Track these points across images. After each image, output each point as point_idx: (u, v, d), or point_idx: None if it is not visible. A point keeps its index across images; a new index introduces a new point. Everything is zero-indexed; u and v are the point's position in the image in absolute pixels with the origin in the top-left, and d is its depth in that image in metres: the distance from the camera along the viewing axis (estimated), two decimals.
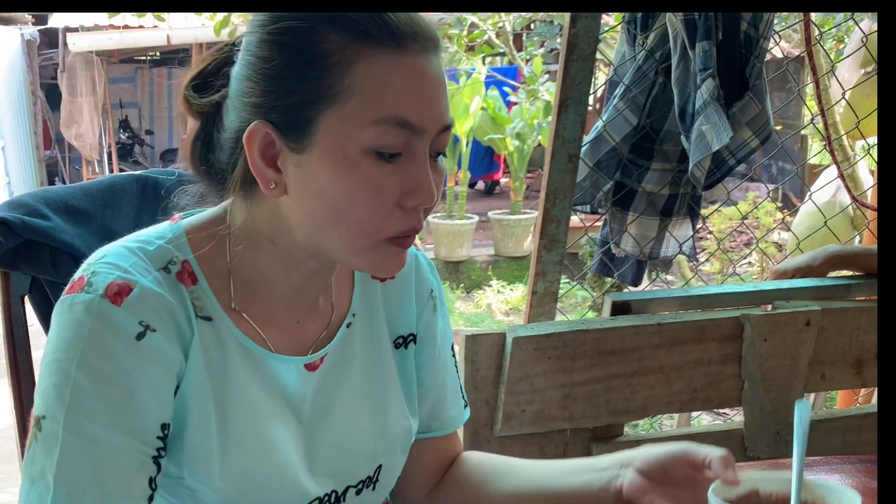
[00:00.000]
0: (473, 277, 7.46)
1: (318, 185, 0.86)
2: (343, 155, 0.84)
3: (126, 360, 0.85)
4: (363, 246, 0.89)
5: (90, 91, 9.53)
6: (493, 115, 7.77)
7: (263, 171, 0.87)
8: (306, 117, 0.85)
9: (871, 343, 1.73)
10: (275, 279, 0.96)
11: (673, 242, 1.83)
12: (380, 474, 1.05)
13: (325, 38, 0.84)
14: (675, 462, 0.99)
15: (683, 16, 1.50)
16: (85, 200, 1.23)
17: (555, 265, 1.68)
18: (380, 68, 0.84)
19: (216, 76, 0.93)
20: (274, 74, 0.86)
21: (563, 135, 1.58)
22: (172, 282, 0.90)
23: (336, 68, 0.83)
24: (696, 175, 1.56)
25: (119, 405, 0.84)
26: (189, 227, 0.95)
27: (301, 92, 0.85)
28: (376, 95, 0.84)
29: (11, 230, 1.14)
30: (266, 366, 0.96)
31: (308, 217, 0.88)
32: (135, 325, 0.85)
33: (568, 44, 1.50)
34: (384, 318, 1.08)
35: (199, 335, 0.91)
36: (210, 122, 0.94)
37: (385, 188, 0.86)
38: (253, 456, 0.93)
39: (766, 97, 1.57)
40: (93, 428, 0.83)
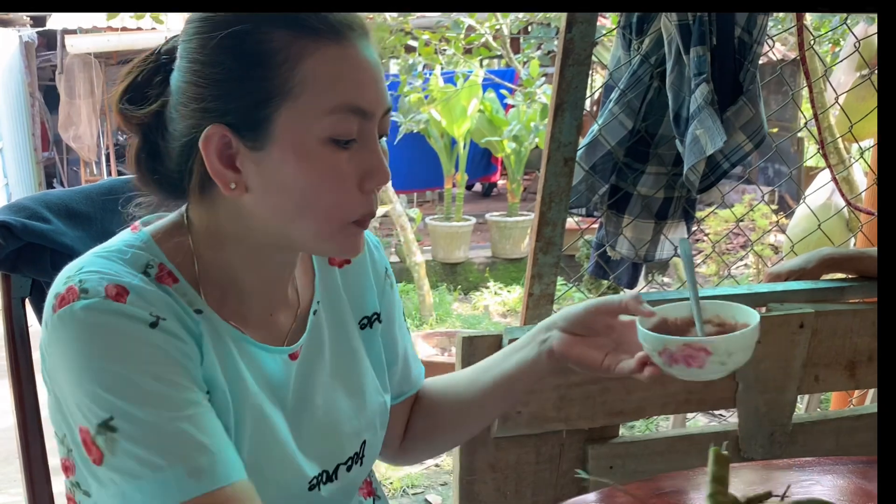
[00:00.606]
0: (471, 279, 7.46)
1: (281, 178, 0.89)
2: (303, 147, 0.88)
3: (152, 340, 0.86)
4: (331, 231, 0.92)
5: (88, 93, 9.52)
6: (491, 118, 7.77)
7: (222, 173, 0.89)
8: (262, 115, 0.87)
9: (864, 345, 1.74)
10: (244, 277, 0.98)
11: (668, 245, 1.84)
12: (365, 449, 1.09)
13: (270, 38, 0.86)
14: (593, 314, 1.08)
15: (678, 21, 1.52)
16: (85, 204, 1.24)
17: (551, 267, 1.69)
18: (327, 60, 0.87)
19: (149, 86, 0.95)
20: (223, 78, 0.88)
21: (558, 138, 1.59)
22: (155, 284, 0.92)
23: (285, 65, 0.86)
24: (691, 179, 1.57)
25: (170, 371, 0.87)
26: (155, 232, 0.97)
27: (254, 92, 0.87)
28: (328, 86, 0.87)
29: (12, 233, 1.15)
30: (255, 356, 0.99)
31: (274, 211, 0.91)
32: (146, 315, 0.87)
33: (563, 49, 1.51)
34: (347, 302, 1.12)
35: (204, 325, 0.93)
36: (152, 133, 0.95)
37: (346, 173, 0.90)
38: (260, 439, 0.96)
39: (759, 102, 1.58)
40: (171, 392, 0.86)
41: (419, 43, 5.35)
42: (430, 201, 10.33)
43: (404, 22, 5.27)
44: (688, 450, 1.72)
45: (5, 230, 1.15)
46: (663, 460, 1.70)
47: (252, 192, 0.90)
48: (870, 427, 1.82)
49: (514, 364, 1.15)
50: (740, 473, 1.24)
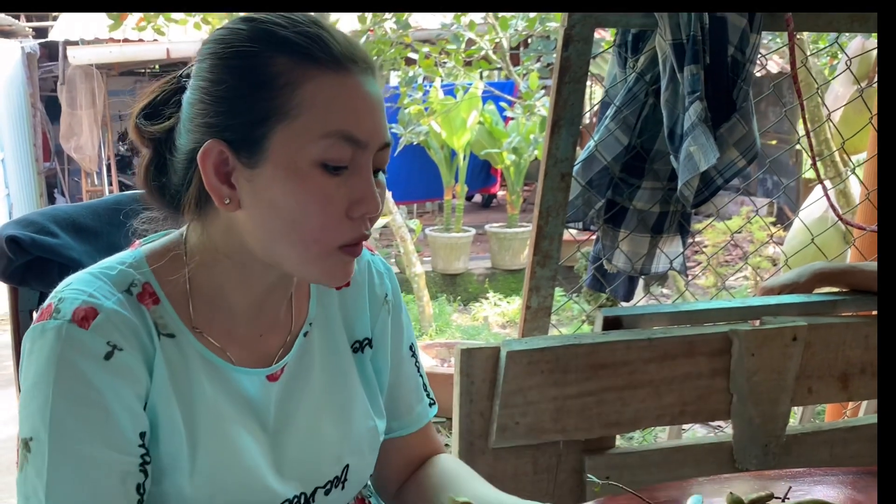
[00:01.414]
0: (470, 290, 7.48)
1: (271, 197, 0.91)
2: (294, 167, 0.90)
3: (97, 379, 0.90)
4: (315, 254, 0.94)
5: (90, 103, 9.55)
6: (491, 130, 7.81)
7: (218, 188, 0.92)
8: (259, 134, 0.90)
9: (856, 358, 1.77)
10: (233, 295, 1.01)
11: (664, 258, 1.87)
12: (347, 474, 1.10)
13: (274, 61, 0.90)
14: None
15: (672, 40, 1.55)
16: (91, 218, 1.27)
17: (548, 280, 1.72)
18: (325, 87, 0.90)
19: (166, 105, 0.99)
20: (226, 96, 0.91)
21: (555, 154, 1.62)
22: (134, 303, 0.95)
23: (285, 88, 0.90)
24: (685, 194, 1.60)
25: (97, 421, 0.90)
26: (149, 251, 1.01)
27: (253, 111, 0.90)
28: (323, 112, 0.90)
29: (21, 247, 1.18)
30: (230, 378, 1.01)
31: (262, 228, 0.94)
32: (102, 345, 0.91)
33: (560, 67, 1.55)
34: (342, 325, 1.13)
35: (161, 351, 0.96)
36: (162, 147, 0.98)
37: (334, 198, 0.92)
38: (220, 462, 0.98)
39: (752, 119, 1.61)
40: (76, 445, 0.89)
41: (419, 55, 5.38)
42: (430, 212, 10.36)
43: (404, 35, 5.30)
44: (683, 461, 1.74)
45: (14, 244, 1.18)
46: (659, 471, 1.72)
47: (244, 208, 0.93)
48: (863, 438, 1.85)
49: None
50: (734, 484, 1.26)
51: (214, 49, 0.93)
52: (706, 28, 1.55)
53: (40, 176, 10.01)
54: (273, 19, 0.93)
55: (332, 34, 0.93)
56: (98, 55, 8.85)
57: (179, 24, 5.84)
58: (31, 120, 9.81)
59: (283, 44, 0.91)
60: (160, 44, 8.18)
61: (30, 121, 9.79)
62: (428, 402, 1.25)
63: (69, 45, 8.94)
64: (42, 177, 10.08)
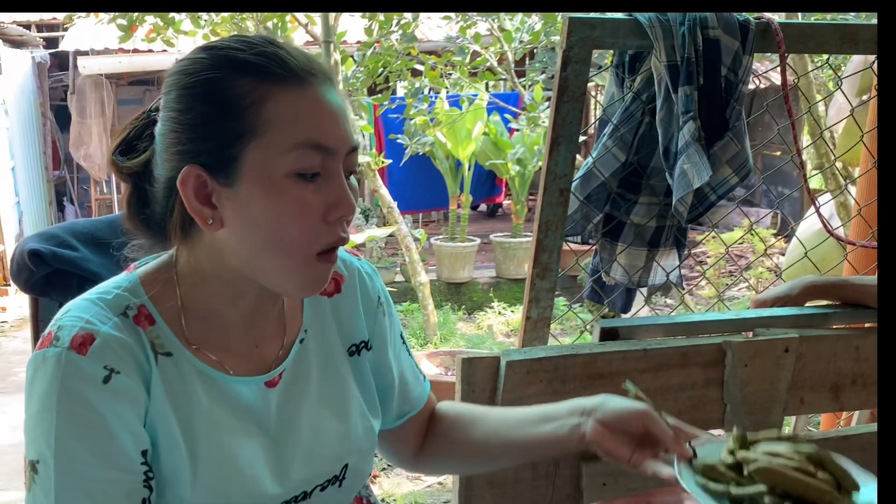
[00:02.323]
0: (475, 299, 7.53)
1: (250, 212, 0.97)
2: (269, 181, 0.96)
3: (97, 402, 0.95)
4: (296, 264, 0.99)
5: (99, 113, 9.65)
6: (495, 141, 7.87)
7: (200, 210, 0.98)
8: (231, 154, 0.96)
9: (847, 369, 1.81)
10: (224, 311, 1.06)
11: (660, 271, 1.92)
12: (346, 472, 1.15)
13: (237, 84, 0.96)
14: (635, 419, 1.13)
15: (667, 62, 1.60)
16: (109, 232, 1.33)
17: (547, 292, 1.77)
18: (288, 102, 0.96)
19: (140, 139, 1.05)
20: (196, 122, 0.97)
21: (554, 170, 1.67)
22: (130, 325, 1.01)
23: (251, 108, 0.95)
24: (680, 210, 1.65)
25: (99, 443, 0.95)
26: (143, 274, 1.06)
27: (223, 133, 0.96)
28: (289, 125, 0.96)
29: (43, 260, 1.24)
30: (228, 388, 1.06)
31: (244, 243, 0.99)
32: (100, 370, 0.96)
33: (559, 87, 1.60)
34: (336, 330, 1.19)
35: (158, 370, 1.01)
36: (140, 180, 1.04)
37: (310, 205, 0.97)
38: (221, 473, 1.03)
39: (745, 137, 1.66)
40: (80, 467, 0.94)
41: (425, 67, 5.45)
42: (436, 221, 10.42)
43: (410, 47, 5.37)
44: None
45: (36, 257, 1.24)
46: (655, 480, 1.76)
47: (227, 227, 0.99)
48: (854, 448, 1.88)
49: (544, 434, 1.19)
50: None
51: (179, 80, 0.99)
52: (700, 50, 1.61)
53: (49, 184, 10.11)
54: (231, 45, 0.99)
55: (289, 51, 0.99)
56: (108, 65, 8.94)
57: (189, 35, 5.91)
58: (41, 129, 9.91)
59: (243, 66, 0.96)
60: (169, 54, 8.25)
61: (40, 129, 9.89)
62: (422, 378, 1.33)
63: (79, 55, 9.03)
64: (51, 185, 10.18)
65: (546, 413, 1.21)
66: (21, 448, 0.97)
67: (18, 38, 9.29)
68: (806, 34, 1.73)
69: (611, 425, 1.14)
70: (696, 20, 1.62)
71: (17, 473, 4.03)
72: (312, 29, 5.62)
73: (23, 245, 1.27)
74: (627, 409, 1.14)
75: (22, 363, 6.09)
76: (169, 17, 5.59)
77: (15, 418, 4.84)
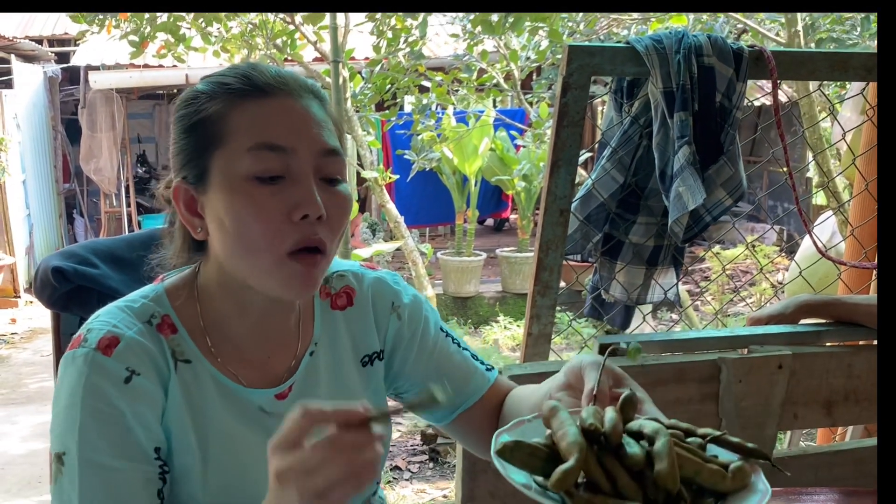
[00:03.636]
0: (481, 313, 7.57)
1: (218, 216, 1.04)
2: (229, 185, 1.03)
3: (118, 400, 1.03)
4: (267, 264, 1.04)
5: (109, 127, 9.74)
6: (502, 156, 7.94)
7: (190, 220, 1.08)
8: (202, 164, 1.05)
9: (839, 386, 1.86)
10: (235, 322, 1.13)
11: (658, 289, 1.97)
12: None
13: (207, 104, 1.05)
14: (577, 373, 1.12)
15: (663, 88, 1.66)
16: (128, 250, 1.40)
17: (548, 309, 1.82)
18: (249, 111, 1.03)
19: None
20: (181, 145, 1.07)
21: (555, 192, 1.74)
22: (153, 333, 1.09)
23: (218, 122, 1.04)
24: (675, 230, 1.71)
25: (118, 437, 1.02)
26: (169, 286, 1.15)
27: (197, 147, 1.05)
28: (247, 131, 1.03)
29: (65, 277, 1.30)
30: (241, 398, 1.13)
31: (221, 246, 1.07)
32: (122, 370, 1.04)
33: (559, 112, 1.66)
34: (349, 342, 1.24)
35: (177, 375, 1.09)
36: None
37: (268, 206, 1.02)
38: (230, 477, 1.10)
39: (738, 161, 1.72)
40: (101, 458, 1.01)
41: (432, 84, 5.52)
42: (442, 236, 10.47)
43: (418, 63, 5.44)
44: None
45: (59, 274, 1.30)
46: None
47: (210, 234, 1.07)
48: (847, 462, 1.93)
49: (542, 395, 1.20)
50: None
51: (174, 113, 1.10)
52: (695, 77, 1.67)
53: (60, 197, 10.20)
54: (220, 73, 1.08)
55: (261, 69, 1.06)
56: (119, 80, 9.04)
57: (199, 51, 6.00)
58: (51, 142, 10.02)
59: (217, 87, 1.05)
60: (179, 69, 8.35)
61: (51, 143, 9.99)
62: (484, 368, 1.33)
63: (90, 70, 9.13)
64: (61, 197, 10.27)
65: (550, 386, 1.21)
66: (32, 458, 1.04)
67: (31, 53, 9.40)
68: (798, 62, 1.79)
69: (567, 379, 1.13)
70: (692, 48, 1.69)
71: (29, 482, 4.11)
72: (321, 46, 5.69)
73: (46, 262, 1.33)
74: (579, 362, 1.13)
75: (32, 374, 6.16)
76: (180, 33, 5.67)
77: (25, 429, 4.90)
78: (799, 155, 8.67)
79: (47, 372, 6.16)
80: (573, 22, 5.28)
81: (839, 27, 4.67)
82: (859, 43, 4.44)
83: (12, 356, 6.69)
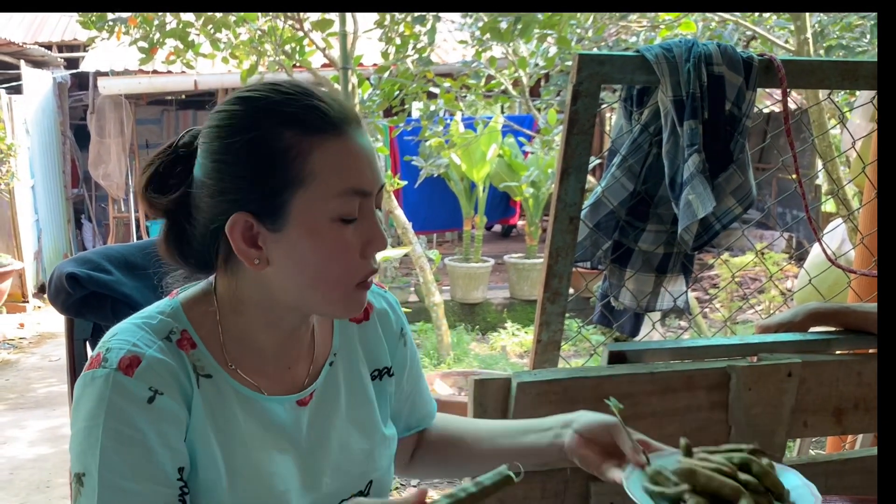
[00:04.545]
0: (489, 319, 7.57)
1: (298, 254, 1.05)
2: (315, 226, 1.04)
3: (140, 421, 1.02)
4: (339, 295, 1.08)
5: (118, 132, 9.78)
6: (510, 163, 7.94)
7: (247, 252, 1.06)
8: (279, 202, 1.03)
9: (849, 393, 1.85)
10: (261, 336, 1.14)
11: (668, 296, 1.97)
12: (370, 488, 1.24)
13: (281, 136, 1.03)
14: (604, 432, 1.25)
15: (673, 97, 1.67)
16: (141, 257, 1.41)
17: (558, 316, 1.83)
18: (331, 153, 1.04)
19: (171, 176, 1.11)
20: (243, 174, 1.04)
21: (564, 199, 1.74)
22: (174, 349, 1.08)
23: (297, 160, 1.03)
24: (685, 238, 1.71)
25: (139, 459, 1.02)
26: (185, 300, 1.14)
27: (271, 183, 1.03)
28: (333, 175, 1.03)
29: (79, 283, 1.32)
30: (263, 407, 1.14)
31: (291, 280, 1.07)
32: (145, 391, 1.03)
33: (569, 120, 1.67)
34: (362, 355, 1.27)
35: (199, 391, 1.09)
36: (178, 217, 1.11)
37: (351, 245, 1.06)
38: (254, 486, 1.11)
39: (748, 169, 1.72)
40: (121, 481, 1.01)
41: (440, 90, 5.53)
42: (450, 242, 10.47)
43: (426, 70, 5.45)
44: None
45: (73, 281, 1.31)
46: None
47: (273, 265, 1.06)
48: (857, 470, 1.93)
49: (528, 443, 1.31)
50: None
51: (221, 133, 1.06)
52: (705, 86, 1.67)
53: (68, 202, 10.24)
54: (269, 96, 1.05)
55: (325, 101, 1.05)
56: (127, 85, 9.06)
57: (208, 57, 6.02)
58: (60, 147, 10.06)
59: (285, 119, 1.03)
60: (188, 75, 8.38)
61: (59, 148, 10.03)
62: (431, 398, 1.45)
63: (99, 76, 9.16)
64: (70, 203, 10.31)
65: (530, 425, 1.34)
66: (41, 462, 1.05)
67: (40, 59, 9.45)
68: (807, 70, 1.79)
69: (585, 436, 1.26)
70: (701, 56, 1.69)
71: (37, 487, 4.12)
72: (330, 53, 5.71)
73: (60, 268, 1.34)
74: (599, 421, 1.26)
75: (40, 379, 6.17)
76: (188, 39, 5.69)
77: (34, 434, 4.92)
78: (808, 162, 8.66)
79: (56, 376, 6.18)
80: (582, 28, 5.29)
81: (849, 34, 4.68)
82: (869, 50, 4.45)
83: (21, 361, 6.71)
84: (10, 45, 8.35)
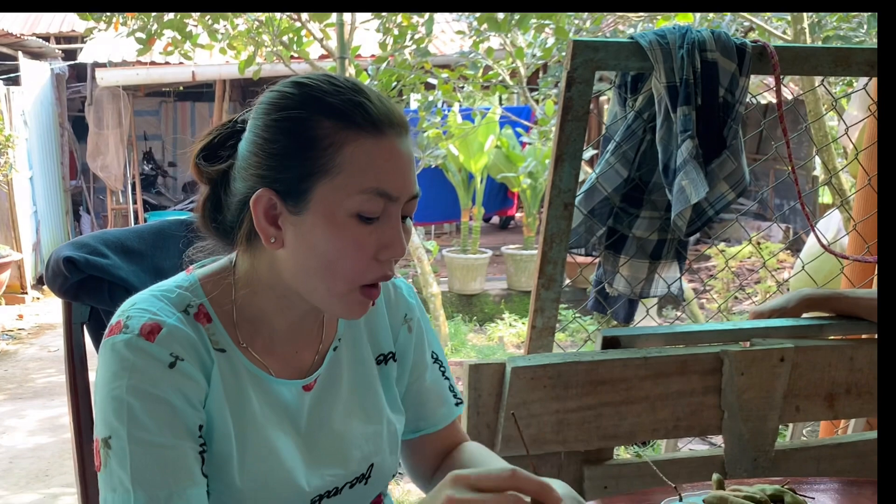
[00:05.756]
0: (486, 310, 7.59)
1: (311, 240, 1.06)
2: (333, 217, 1.04)
3: (163, 382, 1.04)
4: (341, 291, 1.08)
5: (116, 124, 9.79)
6: (507, 154, 7.95)
7: (266, 229, 1.07)
8: (304, 187, 1.04)
9: (841, 379, 1.87)
10: (273, 319, 1.16)
11: (662, 283, 1.99)
12: (372, 471, 1.24)
13: (320, 125, 1.04)
14: None
15: (666, 83, 1.68)
16: (138, 241, 1.42)
17: (552, 303, 1.84)
18: (364, 149, 1.04)
19: (222, 147, 1.13)
20: (278, 153, 1.06)
21: (559, 185, 1.75)
22: (192, 321, 1.10)
23: (330, 149, 1.04)
24: (678, 224, 1.72)
25: (166, 416, 1.04)
26: (202, 276, 1.15)
27: (300, 167, 1.04)
28: (361, 171, 1.04)
29: (76, 267, 1.32)
30: (271, 388, 1.15)
31: (300, 265, 1.08)
32: (167, 356, 1.05)
33: (563, 106, 1.68)
34: (367, 340, 1.28)
35: (217, 364, 1.10)
36: (218, 187, 1.13)
37: (366, 244, 1.06)
38: (264, 463, 1.12)
39: (741, 155, 1.73)
40: (150, 437, 1.03)
41: (438, 81, 5.53)
42: (448, 233, 10.49)
43: (424, 61, 5.45)
44: (677, 472, 1.84)
45: (70, 264, 1.32)
46: (654, 482, 1.82)
47: (287, 247, 1.08)
48: (849, 455, 1.95)
49: None
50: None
51: (268, 110, 1.08)
52: (698, 72, 1.68)
53: (66, 193, 10.24)
54: (321, 85, 1.06)
55: (372, 100, 1.06)
56: (125, 77, 9.07)
57: (206, 48, 6.02)
58: (58, 139, 10.06)
59: (328, 109, 1.05)
60: (186, 67, 8.39)
61: (58, 140, 10.03)
62: (454, 402, 1.39)
63: (97, 67, 9.16)
64: (68, 194, 10.31)
65: None
66: (39, 452, 1.05)
67: (38, 50, 9.44)
68: (801, 57, 1.80)
69: None
70: (695, 43, 1.70)
71: (36, 476, 4.14)
72: (327, 43, 5.71)
73: (58, 252, 1.35)
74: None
75: (39, 370, 6.19)
76: (186, 30, 5.69)
77: (32, 424, 4.93)
78: (805, 153, 8.68)
79: (54, 367, 6.19)
80: (579, 19, 5.29)
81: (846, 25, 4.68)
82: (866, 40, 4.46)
83: (19, 351, 6.72)
84: (7, 36, 8.34)
